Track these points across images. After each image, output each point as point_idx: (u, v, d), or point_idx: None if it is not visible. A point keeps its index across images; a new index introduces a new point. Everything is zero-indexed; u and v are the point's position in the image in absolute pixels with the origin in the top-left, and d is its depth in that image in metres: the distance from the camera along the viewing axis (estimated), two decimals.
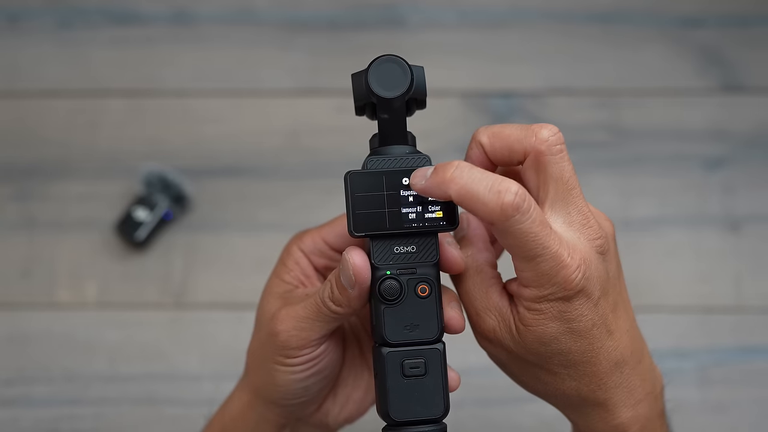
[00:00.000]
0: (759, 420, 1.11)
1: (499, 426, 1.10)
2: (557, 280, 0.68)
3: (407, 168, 0.70)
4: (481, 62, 1.25)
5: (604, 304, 0.70)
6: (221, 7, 1.26)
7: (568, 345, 0.70)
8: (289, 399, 0.78)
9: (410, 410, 0.70)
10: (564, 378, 0.72)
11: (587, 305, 0.69)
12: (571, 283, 0.68)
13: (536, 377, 0.73)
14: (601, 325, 0.70)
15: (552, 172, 0.70)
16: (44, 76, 1.24)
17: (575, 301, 0.69)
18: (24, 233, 1.18)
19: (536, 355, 0.71)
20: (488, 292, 0.73)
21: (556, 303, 0.69)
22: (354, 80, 0.71)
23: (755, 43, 1.24)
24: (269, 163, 1.20)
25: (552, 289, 0.68)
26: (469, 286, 0.74)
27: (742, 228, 1.17)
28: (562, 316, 0.69)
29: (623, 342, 0.72)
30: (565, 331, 0.69)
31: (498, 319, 0.72)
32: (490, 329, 0.72)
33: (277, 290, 0.78)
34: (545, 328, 0.69)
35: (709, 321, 1.14)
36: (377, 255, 0.70)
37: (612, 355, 0.71)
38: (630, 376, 0.72)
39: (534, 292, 0.69)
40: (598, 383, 0.72)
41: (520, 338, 0.71)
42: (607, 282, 0.71)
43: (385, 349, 0.70)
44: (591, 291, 0.69)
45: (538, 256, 0.67)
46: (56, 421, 1.11)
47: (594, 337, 0.70)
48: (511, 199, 0.65)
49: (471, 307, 0.74)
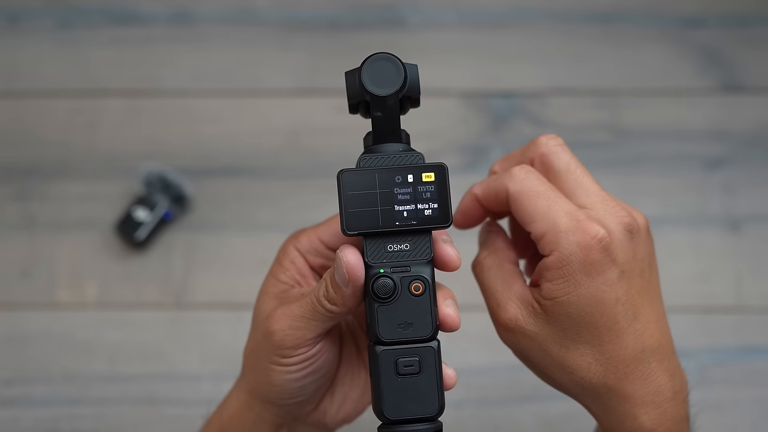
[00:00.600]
0: (759, 420, 1.10)
1: (499, 426, 1.10)
2: (576, 237, 0.70)
3: (400, 166, 0.70)
4: (482, 62, 1.25)
5: (630, 282, 0.71)
6: (221, 7, 1.26)
7: (592, 317, 0.71)
8: (286, 398, 0.78)
9: (404, 409, 0.70)
10: (590, 362, 0.72)
11: (609, 274, 0.70)
12: (590, 241, 0.70)
13: (561, 364, 0.73)
14: (626, 303, 0.71)
15: (559, 166, 0.75)
16: (44, 76, 1.24)
17: (597, 264, 0.70)
18: (24, 233, 1.18)
19: (562, 332, 0.72)
20: (509, 283, 0.75)
21: (579, 266, 0.70)
22: (347, 78, 0.71)
23: (755, 43, 1.24)
24: (269, 163, 1.20)
25: (571, 248, 0.70)
26: (491, 278, 0.76)
27: (743, 228, 1.17)
28: (585, 282, 0.70)
29: (650, 330, 0.72)
30: (589, 301, 0.70)
31: (519, 305, 0.73)
32: (512, 318, 0.73)
33: (272, 290, 0.78)
34: (569, 297, 0.71)
35: (709, 321, 1.14)
36: (370, 253, 0.69)
37: (639, 340, 0.72)
38: (657, 370, 0.72)
39: (555, 256, 0.71)
40: (624, 370, 0.72)
41: (546, 316, 0.72)
42: (633, 261, 0.72)
43: (379, 348, 0.70)
44: (614, 258, 0.70)
45: (557, 214, 0.71)
46: (56, 421, 1.11)
47: (618, 314, 0.71)
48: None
49: (492, 299, 0.75)
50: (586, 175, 0.75)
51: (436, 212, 0.69)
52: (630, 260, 0.72)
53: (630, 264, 0.72)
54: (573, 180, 0.74)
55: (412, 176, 0.70)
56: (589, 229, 0.70)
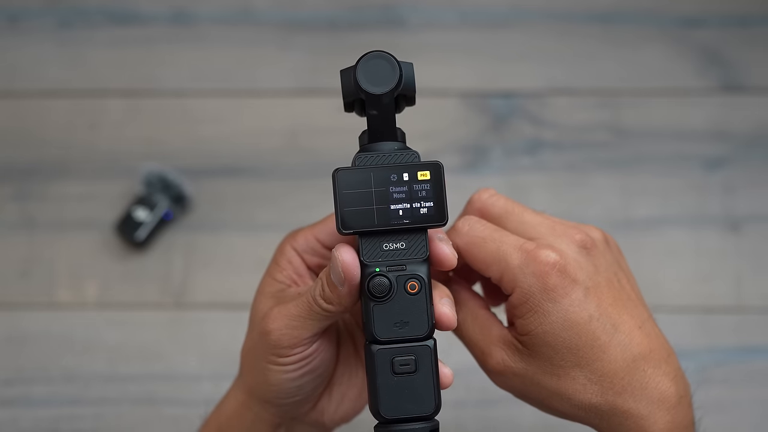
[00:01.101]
0: (759, 420, 1.10)
1: (500, 426, 1.10)
2: (530, 269, 0.71)
3: (396, 164, 0.70)
4: (481, 62, 1.25)
5: (598, 297, 0.71)
6: (220, 7, 1.27)
7: (572, 340, 0.71)
8: (283, 398, 0.78)
9: (400, 408, 0.70)
10: (584, 383, 0.72)
11: (574, 294, 0.71)
12: (544, 268, 0.71)
13: (558, 393, 0.73)
14: (600, 318, 0.71)
15: (497, 212, 0.76)
16: (44, 76, 1.25)
17: (559, 289, 0.70)
18: (24, 233, 1.18)
19: (548, 362, 0.72)
20: (489, 330, 0.75)
21: (542, 296, 0.71)
22: (342, 76, 0.71)
23: (755, 43, 1.24)
24: (268, 163, 1.20)
25: (529, 280, 0.71)
26: (470, 332, 0.77)
27: (743, 228, 1.17)
28: (552, 308, 0.70)
29: (635, 338, 0.72)
30: (563, 325, 0.70)
31: (503, 348, 0.74)
32: (499, 361, 0.74)
33: (269, 290, 0.78)
34: (543, 326, 0.71)
35: (709, 321, 1.14)
36: (366, 252, 0.69)
37: (627, 350, 0.71)
38: (654, 376, 0.72)
39: (518, 293, 0.71)
40: (621, 384, 0.71)
41: (528, 351, 0.72)
42: (596, 275, 0.72)
43: (375, 347, 0.70)
44: (574, 279, 0.71)
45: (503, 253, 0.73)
46: (56, 421, 1.11)
47: (597, 330, 0.71)
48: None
49: (476, 349, 0.76)
50: (525, 211, 0.76)
51: (431, 211, 0.69)
52: (592, 275, 0.72)
53: (594, 278, 0.72)
54: (515, 219, 0.75)
55: (408, 175, 0.69)
56: (540, 257, 0.71)
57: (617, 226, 1.17)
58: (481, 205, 0.77)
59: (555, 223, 0.75)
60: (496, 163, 1.20)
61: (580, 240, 0.73)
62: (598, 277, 0.72)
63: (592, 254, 0.73)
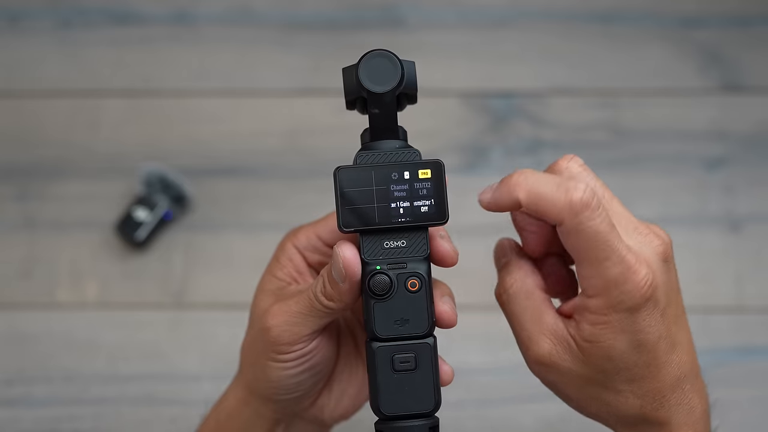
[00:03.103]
0: (759, 420, 1.10)
1: (500, 426, 1.10)
2: (626, 287, 0.66)
3: (397, 162, 0.70)
4: (481, 62, 1.25)
5: (669, 315, 0.69)
6: (221, 7, 1.27)
7: (633, 359, 0.68)
8: (283, 395, 0.78)
9: (400, 404, 0.70)
10: (627, 396, 0.70)
11: (655, 315, 0.67)
12: (641, 290, 0.66)
13: (597, 399, 0.71)
14: (666, 338, 0.69)
15: None
16: (44, 76, 1.25)
17: (644, 310, 0.67)
18: (24, 233, 1.18)
19: (602, 372, 0.69)
20: (541, 315, 0.71)
21: (624, 314, 0.67)
22: (344, 74, 0.71)
23: (755, 43, 1.24)
24: (268, 163, 1.20)
25: (621, 296, 0.66)
26: (520, 310, 0.72)
27: (743, 228, 1.17)
28: (629, 328, 0.67)
29: (685, 356, 0.70)
30: (633, 344, 0.68)
31: (554, 341, 0.70)
32: (546, 353, 0.71)
33: (269, 287, 0.78)
34: (613, 342, 0.68)
35: (709, 321, 1.14)
36: (367, 250, 0.70)
37: (675, 370, 0.70)
38: (690, 392, 0.71)
39: (601, 301, 0.67)
40: (661, 401, 0.70)
41: (583, 356, 0.69)
42: (671, 291, 0.70)
43: (375, 344, 0.70)
44: (659, 299, 0.67)
45: (607, 259, 0.66)
46: (56, 421, 1.11)
47: (659, 350, 0.69)
48: (579, 196, 0.65)
49: (523, 332, 0.72)
50: (614, 199, 0.71)
51: (432, 209, 0.69)
52: (669, 292, 0.69)
53: (669, 295, 0.69)
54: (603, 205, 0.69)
55: (409, 173, 0.70)
56: (637, 276, 0.66)
57: None
58: (569, 176, 0.70)
59: (638, 224, 0.70)
60: (496, 163, 1.20)
61: (663, 252, 0.69)
62: (671, 294, 0.69)
63: (669, 267, 0.70)
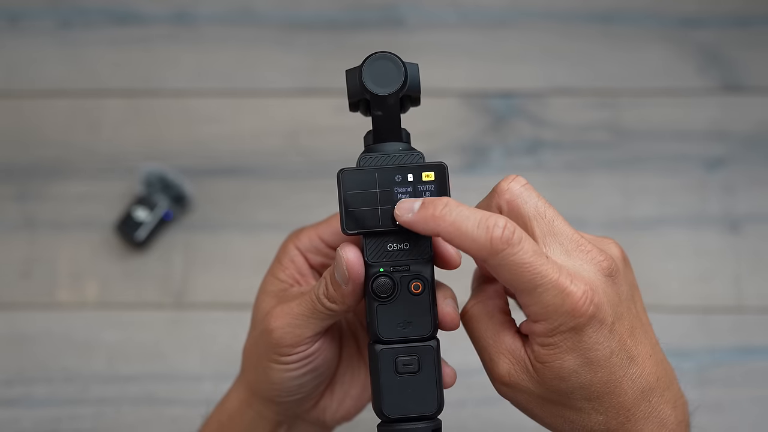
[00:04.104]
0: (759, 420, 1.10)
1: (500, 426, 1.10)
2: (564, 308, 0.66)
3: (401, 165, 0.70)
4: (481, 62, 1.25)
5: (620, 329, 0.68)
6: (221, 7, 1.26)
7: (588, 377, 0.68)
8: (285, 396, 0.78)
9: (403, 407, 0.70)
10: (590, 413, 0.70)
11: (602, 332, 0.67)
12: (579, 310, 0.66)
13: (561, 416, 0.71)
14: (619, 352, 0.68)
15: (527, 211, 0.70)
16: (44, 76, 1.24)
17: (588, 328, 0.67)
18: (24, 233, 1.18)
19: (557, 392, 0.69)
20: (500, 336, 0.71)
21: (569, 334, 0.67)
22: (348, 76, 0.71)
23: (755, 43, 1.24)
24: (269, 163, 1.20)
25: (561, 319, 0.66)
26: (481, 331, 0.72)
27: (742, 228, 1.17)
28: (577, 347, 0.67)
29: (647, 368, 0.70)
30: (583, 363, 0.67)
31: (512, 361, 0.70)
32: (505, 373, 0.70)
33: (271, 288, 0.78)
34: (562, 362, 0.68)
35: (709, 321, 1.14)
36: (370, 252, 0.70)
37: (637, 383, 0.69)
38: (659, 404, 0.70)
39: (544, 325, 0.67)
40: (626, 415, 0.69)
41: (538, 377, 0.69)
42: (619, 305, 0.69)
43: (379, 347, 0.70)
44: (603, 316, 0.67)
45: (538, 287, 0.66)
46: (56, 421, 1.11)
47: (614, 366, 0.68)
48: (499, 234, 0.65)
49: (484, 353, 0.72)
50: (557, 218, 0.70)
51: None
52: (616, 306, 0.68)
53: (617, 310, 0.68)
54: (545, 226, 0.69)
55: (412, 175, 0.70)
56: (574, 297, 0.66)
57: (617, 226, 1.17)
58: (510, 197, 0.70)
59: (581, 241, 0.69)
60: (496, 163, 1.20)
61: (606, 267, 0.68)
62: (620, 307, 0.69)
63: (616, 282, 0.69)
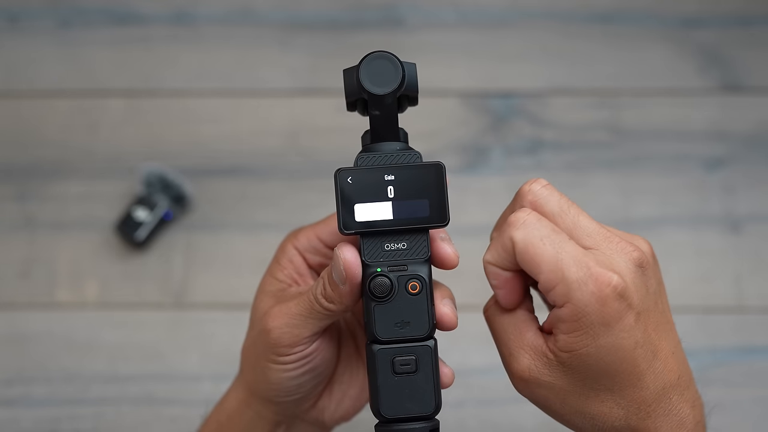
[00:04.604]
0: (759, 420, 1.10)
1: (499, 426, 1.10)
2: (589, 288, 0.66)
3: (398, 165, 0.70)
4: (481, 62, 1.25)
5: (645, 322, 0.68)
6: (221, 8, 1.26)
7: (613, 367, 0.68)
8: (283, 396, 0.78)
9: (401, 407, 0.70)
10: (611, 407, 0.70)
11: (627, 319, 0.67)
12: (605, 288, 0.66)
13: (580, 411, 0.71)
14: (644, 345, 0.68)
15: (551, 209, 0.70)
16: (44, 76, 1.24)
17: (614, 314, 0.67)
18: (24, 233, 1.18)
19: (581, 382, 0.69)
20: (521, 331, 0.71)
21: (594, 317, 0.67)
22: (345, 76, 0.71)
23: (755, 43, 1.24)
24: (269, 164, 1.20)
25: (586, 299, 0.66)
26: (503, 326, 0.73)
27: (743, 228, 1.17)
28: (602, 333, 0.67)
29: (669, 364, 0.70)
30: (609, 350, 0.67)
31: (533, 356, 0.70)
32: (525, 368, 0.71)
33: (270, 288, 0.78)
34: (588, 348, 0.68)
35: (709, 321, 1.14)
36: (367, 252, 0.70)
37: (659, 378, 0.69)
38: (679, 403, 0.70)
39: (569, 308, 0.67)
40: (647, 411, 0.69)
41: (562, 368, 0.69)
42: (647, 297, 0.69)
43: (376, 347, 0.70)
44: (631, 301, 0.67)
45: (563, 266, 0.67)
46: (56, 421, 1.11)
47: (639, 358, 0.68)
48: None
49: (504, 348, 0.72)
50: (581, 214, 0.71)
51: (433, 211, 0.70)
52: (644, 298, 0.68)
53: (645, 302, 0.68)
54: (570, 221, 0.70)
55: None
56: (602, 278, 0.66)
57: (617, 227, 1.15)
58: (533, 198, 0.71)
59: (609, 234, 0.70)
60: (496, 163, 1.20)
61: (637, 258, 0.69)
62: (648, 299, 0.69)
63: (646, 274, 0.69)
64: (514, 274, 0.72)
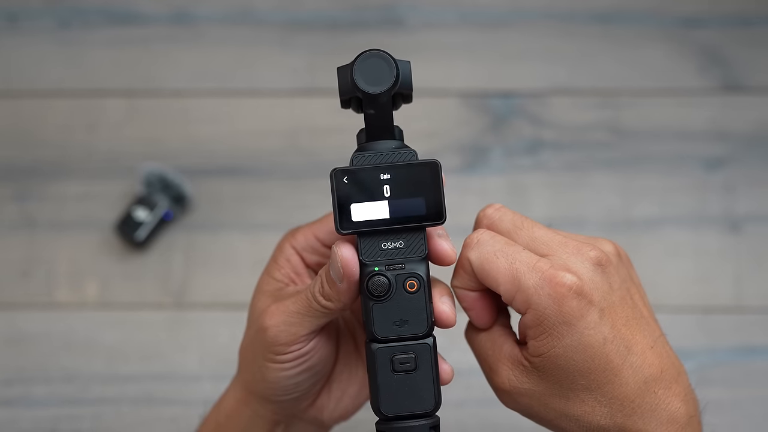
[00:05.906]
0: (759, 420, 1.10)
1: (499, 426, 1.10)
2: (546, 290, 0.68)
3: (393, 163, 0.70)
4: (481, 62, 1.25)
5: (612, 317, 0.69)
6: (220, 7, 1.26)
7: (585, 364, 0.69)
8: (281, 395, 0.78)
9: (401, 405, 0.70)
10: (593, 406, 0.70)
11: (590, 317, 0.69)
12: (562, 289, 0.68)
13: (565, 414, 0.71)
14: (614, 340, 0.69)
15: (505, 227, 0.73)
16: (43, 76, 1.24)
17: (575, 312, 0.68)
18: (23, 233, 1.18)
19: (558, 384, 0.70)
20: (499, 345, 0.74)
21: (557, 318, 0.68)
22: (339, 74, 0.71)
23: (755, 43, 1.24)
24: (268, 164, 1.20)
25: (545, 302, 0.68)
26: (481, 344, 0.75)
27: (742, 228, 1.17)
28: (567, 332, 0.68)
29: (647, 359, 0.70)
30: (577, 348, 0.69)
31: (510, 366, 0.72)
32: (505, 379, 0.72)
33: (267, 288, 0.78)
34: (557, 349, 0.69)
35: (709, 321, 1.14)
36: (365, 251, 0.70)
37: (639, 372, 0.70)
38: (666, 397, 0.70)
39: (532, 313, 0.69)
40: (631, 407, 0.70)
41: (538, 373, 0.71)
42: (611, 294, 0.70)
43: (375, 345, 0.70)
44: (592, 300, 0.69)
45: (519, 275, 0.70)
46: (55, 421, 1.12)
47: (610, 353, 0.69)
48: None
49: (485, 364, 0.75)
50: (535, 226, 0.73)
51: (430, 209, 0.70)
52: (607, 294, 0.70)
53: (608, 298, 0.70)
54: (525, 234, 0.72)
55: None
56: (556, 279, 0.69)
57: (617, 226, 1.17)
58: (488, 222, 0.73)
59: (566, 238, 0.72)
60: (496, 163, 1.20)
61: (594, 257, 0.70)
62: (612, 296, 0.70)
63: (606, 272, 0.71)
64: (481, 294, 0.74)
